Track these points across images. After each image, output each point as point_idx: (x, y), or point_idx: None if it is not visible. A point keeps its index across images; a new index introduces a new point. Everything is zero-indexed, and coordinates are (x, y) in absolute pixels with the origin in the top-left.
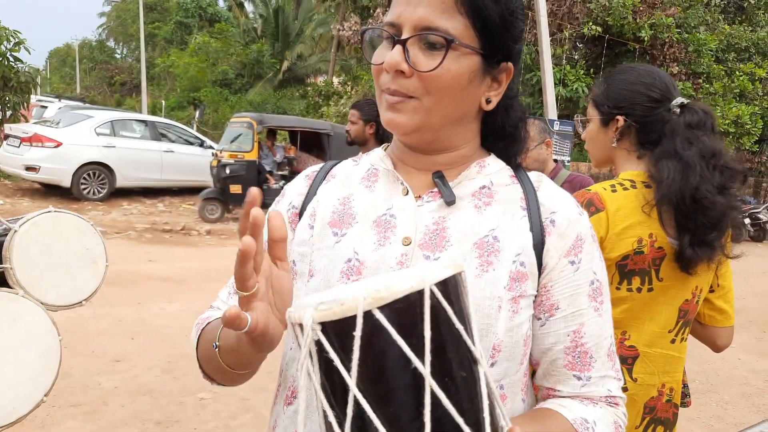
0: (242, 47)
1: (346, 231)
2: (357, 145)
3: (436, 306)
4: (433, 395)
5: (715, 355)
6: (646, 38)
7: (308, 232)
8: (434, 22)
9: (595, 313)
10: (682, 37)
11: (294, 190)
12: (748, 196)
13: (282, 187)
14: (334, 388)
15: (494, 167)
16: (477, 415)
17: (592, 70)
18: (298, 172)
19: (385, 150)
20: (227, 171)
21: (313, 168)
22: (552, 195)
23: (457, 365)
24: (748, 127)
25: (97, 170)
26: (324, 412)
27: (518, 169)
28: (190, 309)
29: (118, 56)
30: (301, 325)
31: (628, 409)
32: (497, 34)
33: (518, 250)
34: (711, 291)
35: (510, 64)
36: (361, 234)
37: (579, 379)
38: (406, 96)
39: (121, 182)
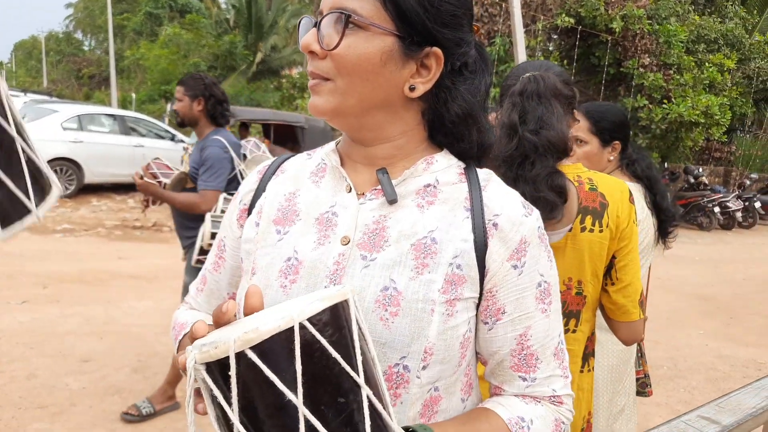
0: (214, 39)
1: (289, 228)
2: (187, 125)
3: (310, 340)
4: (309, 423)
5: (683, 341)
6: (617, 30)
7: (254, 230)
8: (343, 4)
9: (543, 314)
10: (653, 28)
11: (246, 186)
12: (717, 186)
13: None
14: (227, 420)
15: (443, 164)
16: None
17: (565, 61)
18: None
19: (337, 144)
20: None
21: (266, 163)
22: (497, 196)
23: (334, 393)
24: (717, 117)
25: (65, 166)
26: None
27: (470, 167)
28: (161, 307)
29: (86, 48)
30: None
31: None
32: (413, 15)
33: (456, 252)
34: (612, 284)
35: (437, 50)
36: (303, 232)
37: (524, 380)
38: (321, 78)
39: (89, 178)
